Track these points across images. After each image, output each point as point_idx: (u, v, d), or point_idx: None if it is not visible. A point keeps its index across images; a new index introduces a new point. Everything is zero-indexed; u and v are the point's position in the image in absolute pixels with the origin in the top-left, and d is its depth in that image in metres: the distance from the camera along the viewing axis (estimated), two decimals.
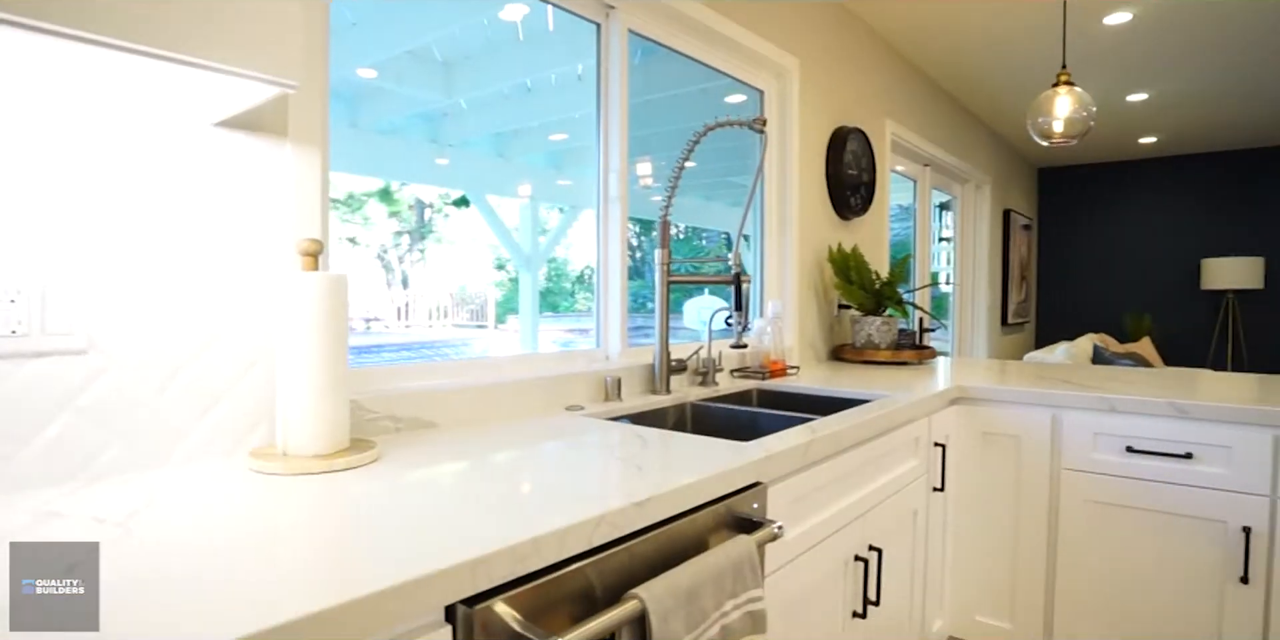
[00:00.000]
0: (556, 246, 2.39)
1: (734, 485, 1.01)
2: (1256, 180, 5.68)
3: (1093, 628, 1.85)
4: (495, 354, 1.64)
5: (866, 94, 3.08)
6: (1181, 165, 5.95)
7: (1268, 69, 3.71)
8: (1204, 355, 5.81)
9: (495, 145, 2.33)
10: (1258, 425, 1.62)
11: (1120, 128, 5.03)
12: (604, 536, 0.81)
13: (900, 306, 2.56)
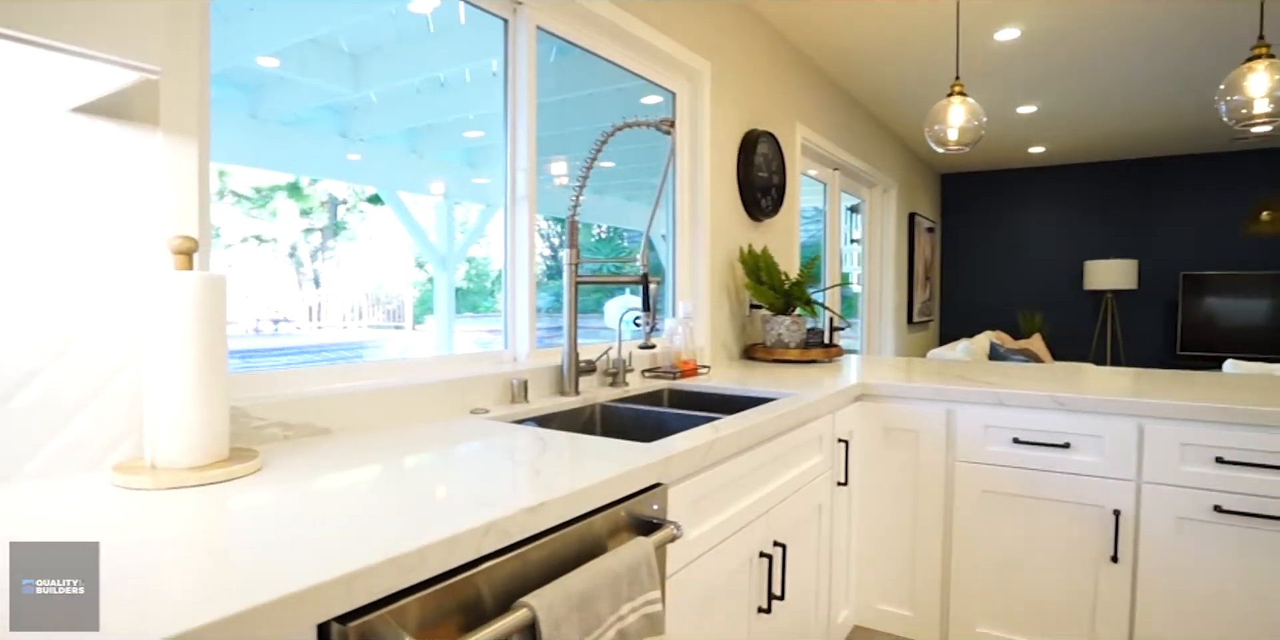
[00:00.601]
0: (474, 245, 2.34)
1: (633, 487, 1.00)
2: (1132, 189, 6.14)
3: (984, 608, 1.94)
4: (406, 356, 1.59)
5: (778, 98, 3.15)
6: (1067, 174, 6.37)
7: (1140, 88, 4.01)
8: (1088, 350, 6.24)
9: (408, 141, 2.26)
10: (1125, 415, 1.74)
11: (1012, 137, 5.34)
12: (495, 544, 0.79)
13: (809, 306, 2.63)
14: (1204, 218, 5.91)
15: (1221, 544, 1.67)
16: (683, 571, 1.16)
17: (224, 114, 1.74)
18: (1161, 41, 3.31)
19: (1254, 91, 1.90)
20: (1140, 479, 1.74)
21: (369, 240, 2.12)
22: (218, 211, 1.65)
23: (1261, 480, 1.62)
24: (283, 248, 1.92)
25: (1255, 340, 5.64)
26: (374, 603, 0.68)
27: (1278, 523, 1.61)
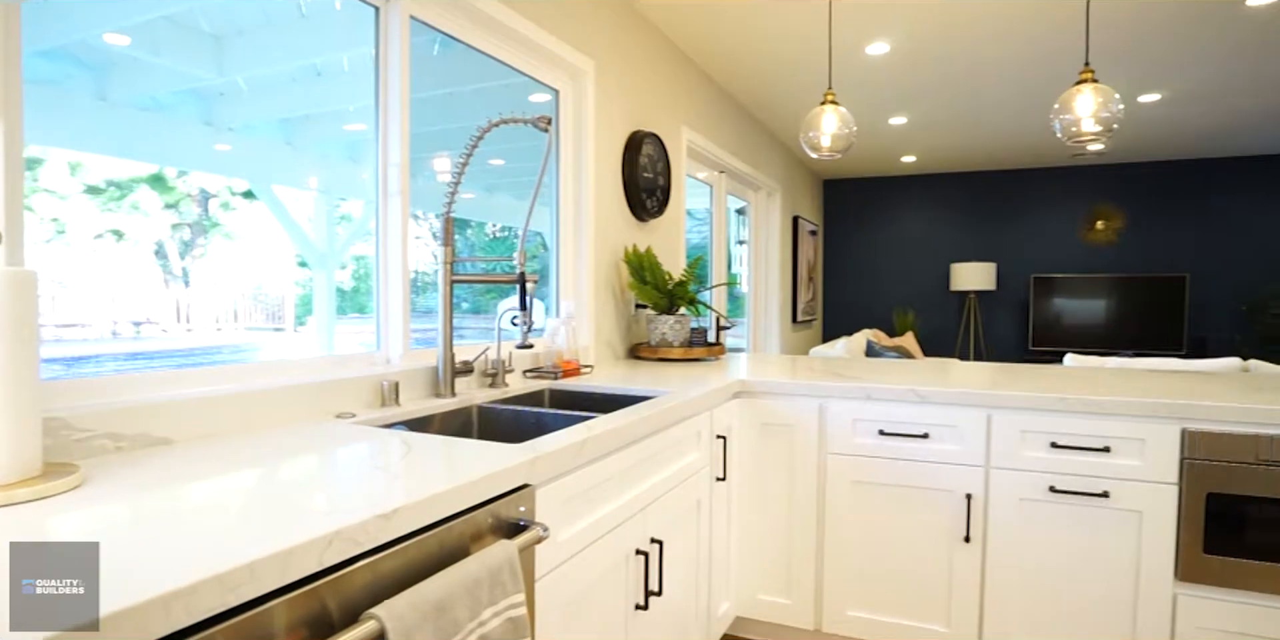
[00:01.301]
0: (359, 243, 2.23)
1: (497, 489, 0.98)
2: (991, 197, 6.66)
3: (855, 592, 2.04)
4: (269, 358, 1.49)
5: (664, 100, 3.20)
6: (935, 182, 6.83)
7: (995, 105, 4.35)
8: (954, 347, 6.71)
9: (284, 132, 2.13)
10: (975, 406, 1.88)
11: (886, 147, 5.66)
12: (341, 554, 0.75)
13: (693, 305, 2.68)
14: (1051, 225, 6.48)
15: (1055, 520, 1.83)
16: (554, 572, 1.15)
17: (64, 94, 1.58)
18: (1010, 64, 3.60)
19: (1081, 111, 2.10)
20: (989, 464, 1.88)
21: (244, 237, 1.99)
22: (67, 206, 1.49)
23: (1087, 462, 1.79)
24: (147, 244, 1.76)
25: (1093, 336, 6.24)
26: (202, 622, 0.63)
27: (1100, 499, 1.78)
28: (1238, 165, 5.95)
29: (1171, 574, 1.75)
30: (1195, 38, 3.27)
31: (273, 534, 0.72)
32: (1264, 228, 5.90)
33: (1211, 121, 4.82)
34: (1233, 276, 5.97)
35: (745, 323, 5.21)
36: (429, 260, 2.14)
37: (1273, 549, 1.67)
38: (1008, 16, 3.02)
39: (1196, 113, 4.59)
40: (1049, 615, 1.85)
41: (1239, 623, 1.70)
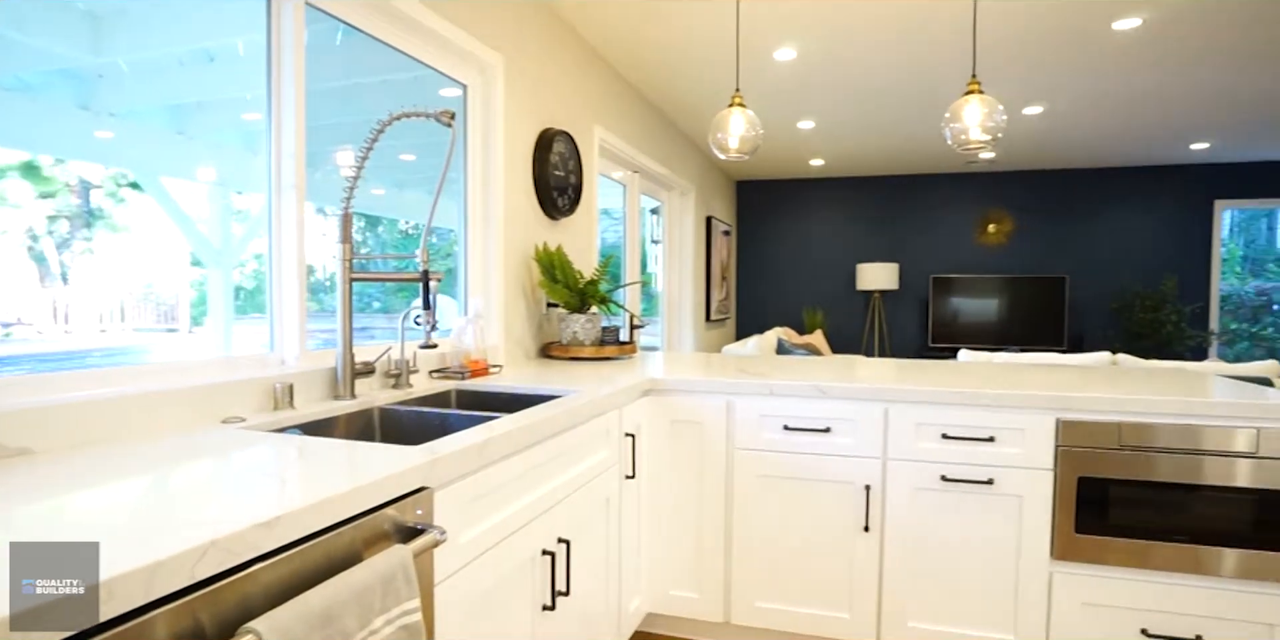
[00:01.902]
0: (258, 239, 2.11)
1: (393, 493, 0.95)
2: (894, 201, 6.97)
3: (763, 584, 2.10)
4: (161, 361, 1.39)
5: (576, 99, 3.18)
6: (842, 185, 7.09)
7: (896, 113, 4.55)
8: (860, 344, 6.99)
9: (173, 119, 1.99)
10: (874, 400, 1.96)
11: (795, 150, 5.83)
12: (217, 565, 0.71)
13: (605, 304, 2.69)
14: (948, 228, 6.84)
15: (946, 507, 1.94)
16: (456, 576, 1.13)
17: None
18: (907, 74, 3.77)
19: (969, 120, 2.23)
20: (886, 456, 1.97)
21: (133, 231, 1.84)
22: None
23: (974, 451, 1.90)
24: (19, 238, 1.61)
25: (986, 332, 6.63)
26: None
27: (986, 485, 1.89)
28: (1111, 176, 6.45)
29: (1048, 553, 1.88)
30: (1070, 55, 3.52)
31: (137, 548, 0.67)
32: (1132, 234, 6.43)
33: (1087, 134, 5.20)
34: (1106, 278, 6.47)
35: (660, 321, 5.26)
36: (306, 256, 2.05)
37: (1132, 527, 1.82)
38: (903, 29, 3.16)
39: (1074, 125, 4.95)
40: (941, 596, 1.96)
41: (1105, 595, 1.85)
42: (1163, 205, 6.37)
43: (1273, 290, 7.01)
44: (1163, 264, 6.35)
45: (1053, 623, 1.88)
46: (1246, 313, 6.93)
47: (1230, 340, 6.72)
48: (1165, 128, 5.03)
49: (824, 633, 2.05)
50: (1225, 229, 6.68)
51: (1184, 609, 1.81)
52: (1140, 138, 5.34)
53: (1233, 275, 6.91)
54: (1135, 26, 3.14)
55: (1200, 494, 1.79)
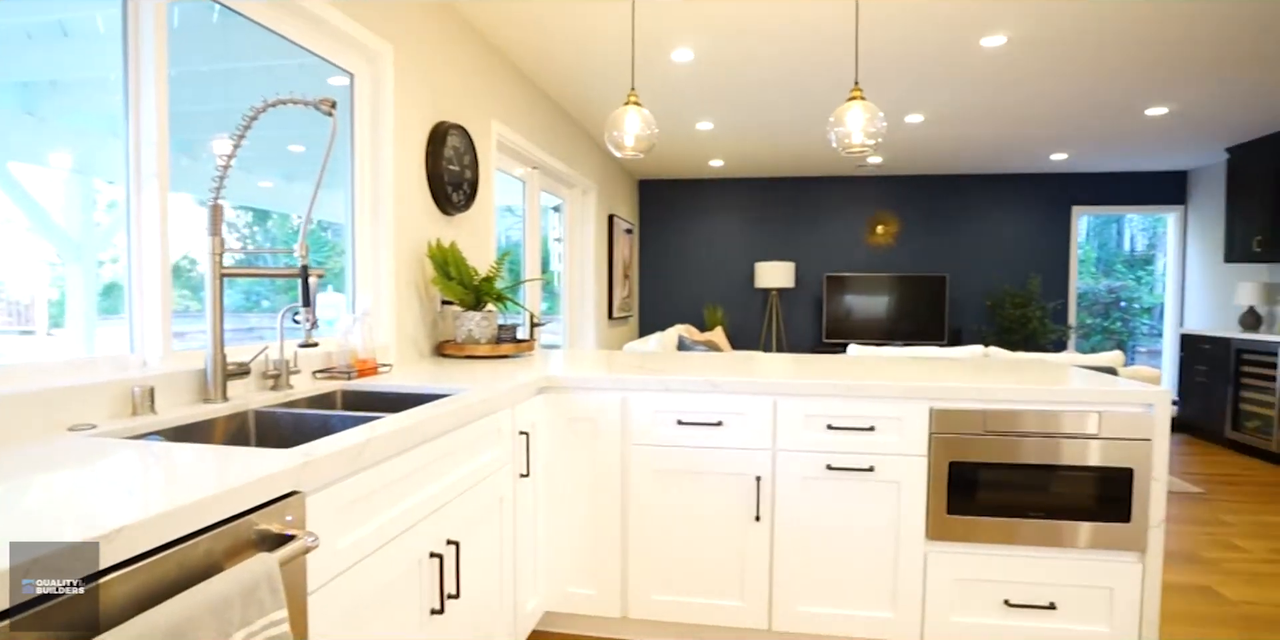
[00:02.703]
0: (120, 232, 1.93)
1: (257, 499, 0.90)
2: (790, 202, 7.22)
3: (659, 577, 2.12)
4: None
5: (472, 92, 3.12)
6: (741, 186, 7.28)
7: (789, 117, 4.71)
8: (758, 340, 7.20)
9: (20, 98, 1.80)
10: (763, 394, 2.03)
11: (695, 150, 5.93)
12: (43, 586, 0.65)
13: (501, 301, 2.65)
14: (841, 229, 7.15)
15: (831, 494, 2.02)
16: (332, 583, 1.08)
17: None
18: (799, 79, 3.91)
19: (852, 125, 2.34)
20: (775, 447, 2.03)
21: None
22: None
23: (857, 440, 1.99)
24: None
25: (876, 328, 6.98)
26: None
27: (867, 473, 1.99)
28: (985, 182, 6.92)
29: (923, 534, 1.99)
30: (944, 68, 3.75)
31: None
32: (1003, 236, 6.92)
33: (963, 142, 5.56)
34: (981, 277, 6.94)
35: (562, 319, 5.24)
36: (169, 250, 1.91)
37: (996, 506, 1.96)
38: (793, 35, 3.28)
39: (951, 134, 5.28)
40: (828, 580, 2.04)
41: (973, 571, 1.98)
42: (1029, 210, 6.89)
43: (1120, 289, 7.72)
44: (1029, 264, 6.88)
45: (928, 599, 2.00)
46: (1099, 309, 7.61)
47: (1086, 333, 7.36)
48: (1029, 139, 5.44)
49: (719, 621, 2.10)
50: (1082, 233, 7.30)
51: (1041, 579, 1.96)
52: (1008, 147, 5.76)
53: (1088, 275, 7.57)
54: (1001, 44, 3.38)
55: (1054, 473, 1.95)
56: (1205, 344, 5.50)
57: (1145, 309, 7.70)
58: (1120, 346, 7.57)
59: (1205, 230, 6.41)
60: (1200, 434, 5.61)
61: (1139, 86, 4.09)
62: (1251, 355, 5.00)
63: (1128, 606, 1.93)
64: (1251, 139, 5.39)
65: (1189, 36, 3.26)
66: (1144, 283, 7.79)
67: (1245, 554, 3.06)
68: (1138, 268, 7.87)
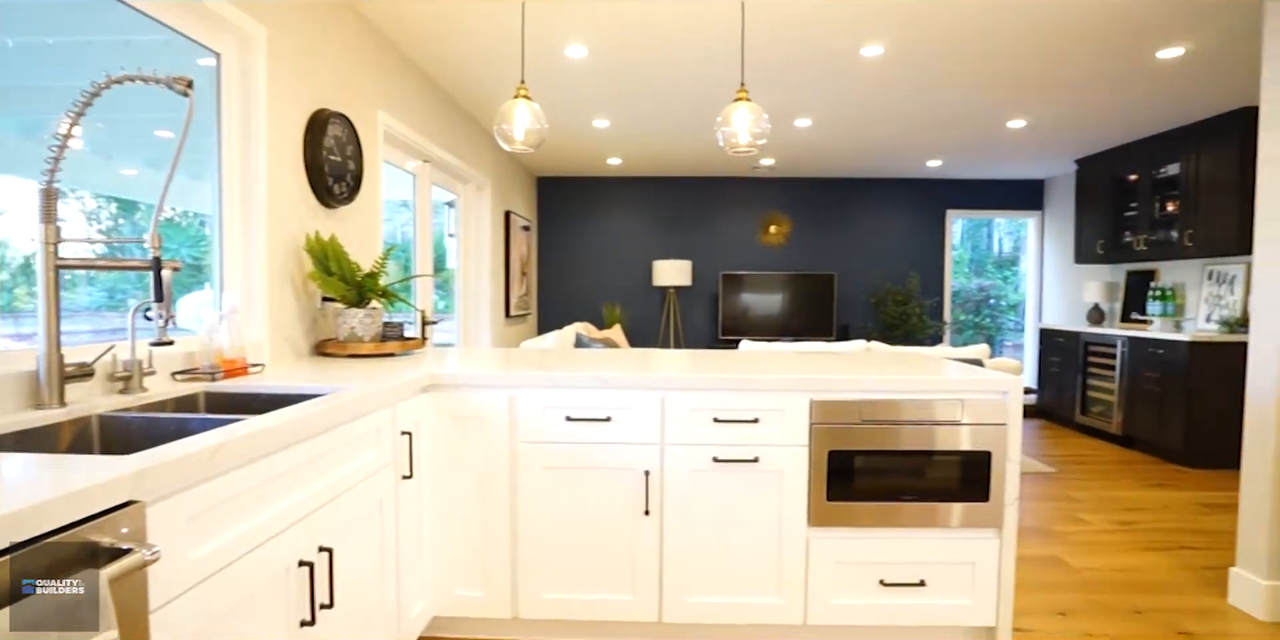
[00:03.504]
0: None
1: (84, 511, 0.82)
2: (688, 201, 7.34)
3: (551, 575, 2.11)
4: None
5: (356, 80, 2.98)
6: (640, 185, 7.34)
7: (683, 117, 4.78)
8: (657, 337, 7.28)
9: None
10: (652, 389, 2.05)
11: (592, 148, 5.93)
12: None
13: (387, 298, 2.55)
14: (736, 228, 7.34)
15: (718, 486, 2.07)
16: (183, 598, 1.00)
17: None
18: (691, 80, 3.98)
19: (738, 125, 2.40)
20: (664, 442, 2.06)
21: None
22: None
23: (742, 432, 2.05)
24: None
25: (770, 325, 7.21)
26: None
27: (752, 464, 2.05)
28: (869, 185, 7.28)
29: (805, 521, 2.07)
30: (828, 75, 3.91)
31: None
32: (886, 237, 7.31)
33: (848, 147, 5.83)
34: (865, 275, 7.30)
35: (456, 317, 5.11)
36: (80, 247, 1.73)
37: (871, 491, 2.07)
38: (684, 37, 3.33)
39: (837, 138, 5.52)
40: (716, 569, 2.09)
41: (852, 553, 2.08)
42: (908, 213, 7.31)
43: (990, 287, 8.32)
44: (909, 264, 7.30)
45: (810, 583, 2.08)
46: (972, 306, 8.17)
47: (960, 329, 7.88)
48: (908, 145, 5.77)
49: (610, 616, 2.11)
50: (956, 235, 7.82)
51: (912, 559, 2.08)
52: (889, 152, 6.08)
53: (962, 274, 8.11)
54: (880, 54, 3.56)
55: (923, 458, 2.07)
56: (1059, 337, 6.02)
57: (1011, 306, 8.33)
58: (990, 341, 8.15)
59: (1059, 234, 7.01)
60: (1055, 419, 6.12)
61: (1001, 100, 4.41)
62: (1096, 347, 5.51)
63: (987, 579, 2.08)
64: (1096, 152, 5.94)
65: (1041, 56, 3.55)
66: (1010, 282, 8.43)
67: (1089, 526, 3.36)
68: (1005, 268, 8.50)
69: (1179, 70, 3.77)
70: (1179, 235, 5.04)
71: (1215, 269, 5.07)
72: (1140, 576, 2.75)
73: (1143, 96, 4.30)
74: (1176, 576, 2.75)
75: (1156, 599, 2.55)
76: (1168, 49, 3.45)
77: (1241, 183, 4.39)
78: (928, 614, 2.09)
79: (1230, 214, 4.52)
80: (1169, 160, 5.14)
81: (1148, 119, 4.86)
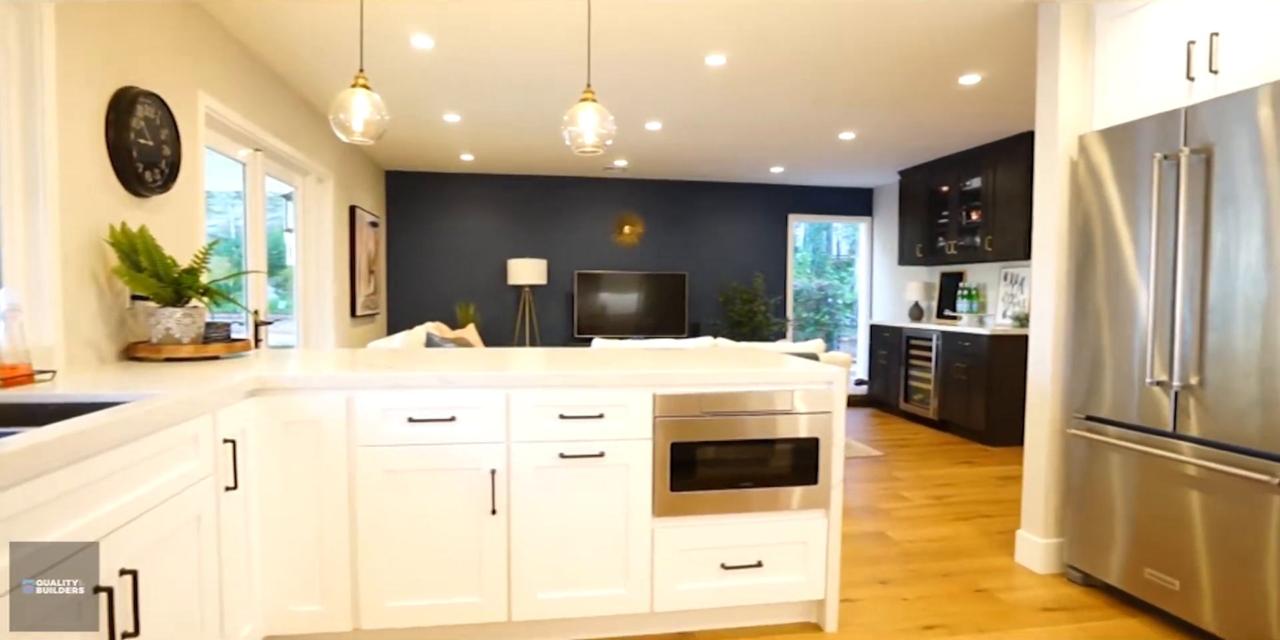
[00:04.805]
0: None
1: None
2: (543, 199, 7.31)
3: (394, 583, 2.04)
4: None
5: (171, 58, 2.72)
6: (494, 182, 7.22)
7: (534, 114, 4.76)
8: (512, 336, 7.20)
9: None
10: (496, 388, 2.04)
11: (443, 143, 5.76)
12: None
13: (209, 297, 2.35)
14: (590, 227, 7.41)
15: (565, 482, 2.10)
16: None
17: None
18: (541, 78, 3.98)
19: (584, 125, 2.44)
20: (510, 440, 2.05)
21: None
22: None
23: (587, 428, 2.09)
24: None
25: (625, 323, 7.34)
26: None
27: (598, 458, 2.10)
28: (718, 188, 7.60)
29: (650, 512, 2.14)
30: (675, 80, 4.05)
31: None
32: (734, 238, 7.67)
33: (697, 151, 6.05)
34: (715, 275, 7.62)
35: (296, 317, 4.80)
36: None
37: (712, 479, 2.17)
38: (533, 33, 3.32)
39: (687, 142, 5.72)
40: (565, 565, 2.11)
41: (695, 541, 2.18)
42: (755, 216, 7.71)
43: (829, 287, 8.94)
44: (754, 264, 7.70)
45: (656, 571, 2.16)
46: (813, 304, 8.73)
47: (802, 326, 8.41)
48: (753, 151, 6.09)
49: (457, 619, 2.08)
50: (799, 238, 8.33)
51: (750, 542, 2.21)
52: (735, 158, 6.38)
53: (804, 275, 8.65)
54: (723, 63, 3.73)
55: (759, 447, 2.20)
56: (885, 333, 6.59)
57: (848, 304, 8.98)
58: (828, 337, 8.75)
59: (886, 238, 7.67)
60: (883, 407, 6.70)
61: (833, 114, 4.76)
62: (916, 341, 6.09)
63: (817, 556, 2.25)
64: (916, 164, 6.56)
65: (864, 76, 3.87)
66: (846, 282, 9.09)
67: (909, 502, 3.72)
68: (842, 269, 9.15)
69: (978, 95, 4.25)
70: (981, 241, 5.67)
71: (1010, 271, 5.76)
72: (948, 544, 3.08)
73: (951, 116, 4.80)
74: (976, 542, 3.11)
75: (960, 562, 2.87)
76: (967, 75, 3.88)
77: (1027, 197, 5.02)
78: (765, 592, 2.23)
79: (1020, 224, 5.15)
80: (974, 174, 5.78)
81: (956, 137, 5.43)
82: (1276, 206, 1.96)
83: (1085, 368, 2.61)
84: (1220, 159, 2.12)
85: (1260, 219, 2.00)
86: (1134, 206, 2.41)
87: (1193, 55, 2.30)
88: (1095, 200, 2.57)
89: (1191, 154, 2.20)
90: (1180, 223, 2.23)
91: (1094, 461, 2.56)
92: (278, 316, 4.75)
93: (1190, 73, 2.30)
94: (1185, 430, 2.23)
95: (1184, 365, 2.23)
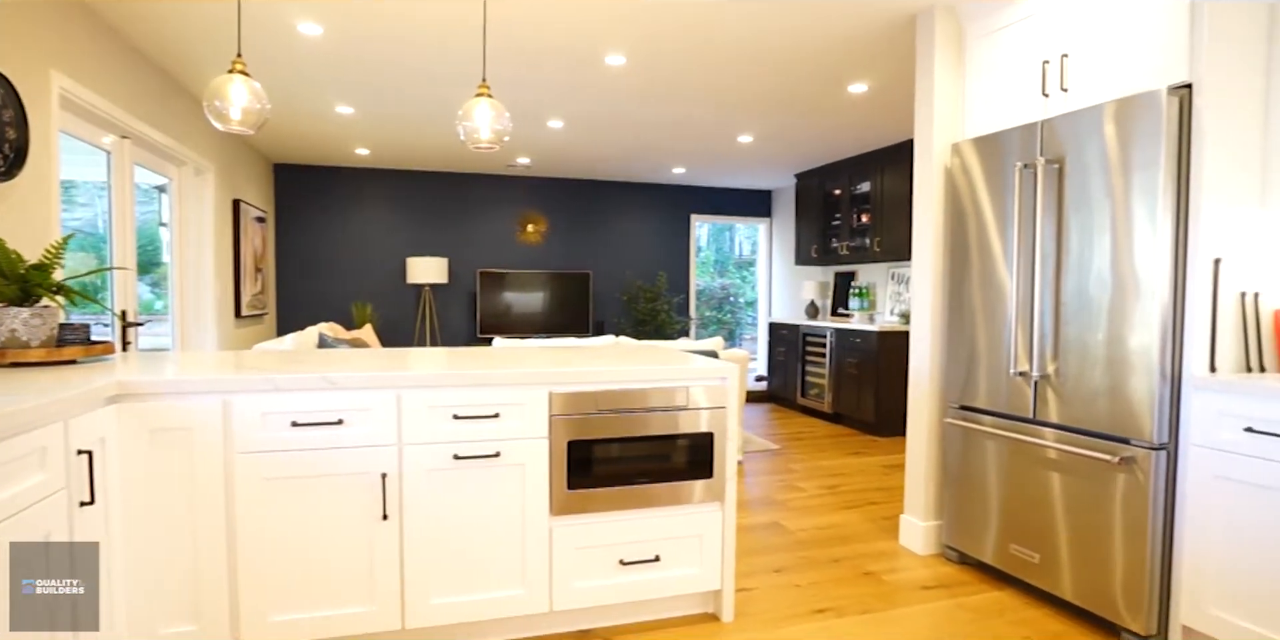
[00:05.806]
0: None
1: None
2: (445, 197, 7.14)
3: (279, 595, 1.93)
4: None
5: (17, 33, 2.48)
6: (391, 177, 6.99)
7: (432, 109, 4.64)
8: (412, 336, 7.00)
9: None
10: (386, 388, 1.98)
11: (336, 135, 5.53)
12: None
13: (63, 295, 2.16)
14: (493, 225, 7.29)
15: (460, 483, 2.06)
16: None
17: None
18: (439, 71, 3.88)
19: (479, 121, 2.40)
20: (401, 442, 2.00)
21: None
22: None
23: (482, 428, 2.06)
24: None
25: (529, 322, 7.27)
26: None
27: (494, 459, 2.07)
28: (621, 188, 7.65)
29: (547, 511, 2.14)
30: (575, 80, 4.05)
31: None
32: (637, 238, 7.74)
33: (599, 150, 6.07)
34: (618, 274, 7.66)
35: (172, 318, 4.48)
36: None
37: (609, 476, 2.19)
38: (425, 25, 3.24)
39: (589, 142, 5.72)
40: (461, 569, 2.07)
41: (593, 538, 2.18)
42: (657, 215, 7.80)
43: (731, 286, 9.16)
44: (658, 263, 7.79)
45: (554, 571, 2.15)
46: (715, 303, 8.93)
47: (705, 324, 8.58)
48: (655, 152, 6.16)
49: (347, 630, 2.00)
50: (702, 238, 8.50)
51: (647, 537, 2.24)
52: (639, 159, 6.44)
53: (707, 274, 8.83)
54: (622, 64, 3.75)
55: (654, 442, 2.23)
56: (783, 330, 6.82)
57: (749, 303, 9.23)
58: (731, 335, 8.97)
59: (784, 239, 7.93)
60: (782, 402, 6.93)
61: (730, 117, 4.89)
62: (812, 338, 6.33)
63: (713, 548, 2.30)
64: (811, 168, 6.82)
65: (759, 80, 3.99)
66: (748, 281, 9.34)
67: (804, 493, 3.87)
68: (744, 269, 9.40)
69: (866, 103, 4.47)
70: (871, 242, 5.96)
71: (896, 271, 6.08)
72: (839, 531, 3.22)
73: (842, 123, 5.02)
74: (864, 527, 3.27)
75: (849, 548, 3.01)
76: (855, 84, 4.07)
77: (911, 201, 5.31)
78: (663, 586, 2.26)
79: (906, 226, 5.43)
80: (864, 178, 6.06)
81: (847, 142, 5.68)
82: (1121, 212, 2.17)
83: (962, 361, 2.79)
84: (1072, 168, 2.32)
85: (1107, 223, 2.21)
86: (1002, 210, 2.60)
87: (1046, 74, 2.50)
88: (969, 204, 2.76)
89: (1047, 163, 2.40)
90: (1038, 226, 2.43)
91: (969, 448, 2.75)
92: (151, 317, 4.42)
93: (1045, 89, 2.51)
94: (1044, 416, 2.43)
95: (1042, 356, 2.43)
